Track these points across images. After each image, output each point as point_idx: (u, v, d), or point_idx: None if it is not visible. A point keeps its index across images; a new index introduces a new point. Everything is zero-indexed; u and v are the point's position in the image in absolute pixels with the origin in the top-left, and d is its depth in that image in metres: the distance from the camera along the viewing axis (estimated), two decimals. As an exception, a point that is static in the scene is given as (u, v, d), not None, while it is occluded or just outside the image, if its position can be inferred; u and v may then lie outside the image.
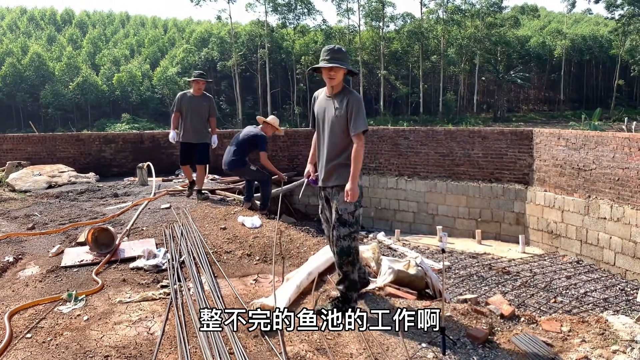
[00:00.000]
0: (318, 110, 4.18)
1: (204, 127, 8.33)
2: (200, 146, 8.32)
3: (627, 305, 7.48)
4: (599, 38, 64.78)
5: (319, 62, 3.96)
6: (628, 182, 9.00)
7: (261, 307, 3.93)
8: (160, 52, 70.13)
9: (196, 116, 8.19)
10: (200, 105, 8.21)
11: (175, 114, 8.23)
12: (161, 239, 6.20)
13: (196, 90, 8.21)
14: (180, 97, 8.24)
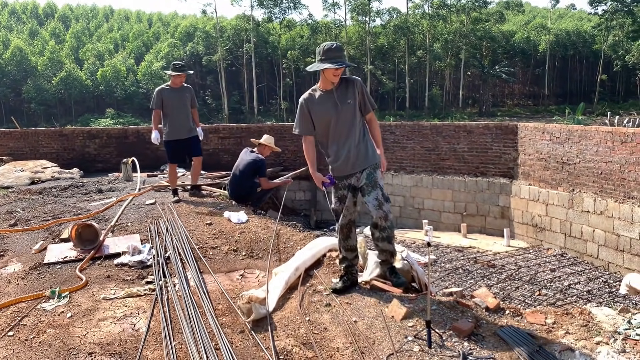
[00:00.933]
0: (320, 110, 4.17)
1: (191, 121, 7.88)
2: (192, 140, 7.88)
3: (610, 297, 7.58)
4: (582, 33, 65.44)
5: (320, 61, 3.99)
6: (611, 176, 9.11)
7: (250, 299, 3.91)
8: (145, 47, 69.45)
9: (181, 110, 7.69)
10: (183, 98, 7.70)
11: (156, 111, 7.64)
12: (146, 235, 6.14)
13: (177, 83, 7.67)
14: (160, 92, 7.62)
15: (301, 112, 4.25)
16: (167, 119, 7.65)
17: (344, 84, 4.17)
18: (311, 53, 59.60)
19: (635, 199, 8.65)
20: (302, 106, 4.24)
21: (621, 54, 59.36)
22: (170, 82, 7.67)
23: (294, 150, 13.44)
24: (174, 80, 7.64)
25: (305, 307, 4.09)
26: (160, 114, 7.66)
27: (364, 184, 4.18)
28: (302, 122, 4.27)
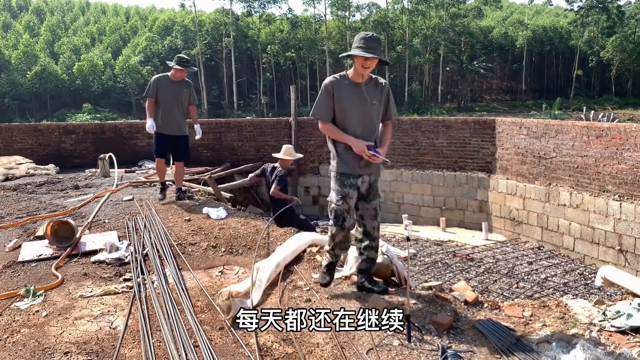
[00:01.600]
0: (347, 99, 3.93)
1: (184, 118, 7.40)
2: (180, 140, 7.35)
3: (585, 289, 7.72)
4: (558, 29, 66.29)
5: (354, 49, 3.83)
6: (586, 170, 9.26)
7: (230, 294, 3.88)
8: (122, 41, 68.40)
9: (176, 105, 7.20)
10: (181, 92, 7.23)
11: (150, 100, 7.12)
12: (124, 232, 6.06)
13: (177, 77, 7.24)
14: (157, 81, 7.17)
15: (326, 95, 3.94)
16: (159, 110, 7.16)
17: (374, 83, 4.02)
18: (291, 47, 59.50)
19: (610, 192, 8.81)
20: (328, 89, 3.94)
21: (596, 49, 60.34)
22: (171, 73, 7.23)
23: (274, 145, 13.37)
24: (175, 73, 7.20)
25: (285, 303, 4.07)
26: (154, 103, 7.15)
27: (367, 189, 4.02)
28: (325, 106, 3.94)
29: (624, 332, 3.60)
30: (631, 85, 59.73)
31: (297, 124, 13.55)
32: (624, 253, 8.55)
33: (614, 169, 8.73)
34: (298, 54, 60.32)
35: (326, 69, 58.97)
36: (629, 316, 3.70)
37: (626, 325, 3.63)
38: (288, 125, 13.64)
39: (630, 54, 57.72)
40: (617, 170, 8.67)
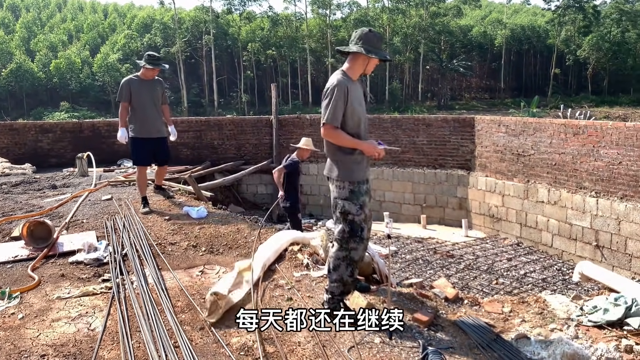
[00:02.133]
0: (355, 98, 3.61)
1: (161, 118, 7.00)
2: (161, 142, 6.98)
3: (563, 285, 7.83)
4: (536, 28, 67.15)
5: (374, 50, 3.55)
6: (564, 167, 9.40)
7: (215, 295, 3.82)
8: (101, 38, 67.44)
9: (151, 105, 6.77)
10: (154, 92, 6.82)
11: (124, 104, 6.67)
12: (102, 232, 5.99)
13: (148, 76, 6.77)
14: (129, 83, 6.68)
15: (342, 98, 3.51)
16: (135, 114, 6.70)
17: (360, 81, 3.77)
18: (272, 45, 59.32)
19: (587, 189, 8.95)
20: (344, 92, 3.51)
21: (573, 48, 61.26)
22: (141, 73, 6.76)
23: (255, 144, 13.35)
24: (145, 73, 6.73)
25: (266, 302, 4.06)
26: (128, 108, 6.72)
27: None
28: (340, 111, 3.52)
29: (600, 326, 3.66)
30: (607, 84, 60.77)
31: (278, 122, 13.52)
32: (601, 249, 8.70)
33: (590, 166, 8.87)
34: (279, 52, 60.15)
35: (307, 67, 58.98)
36: (606, 311, 3.76)
37: (603, 319, 3.69)
38: (269, 124, 13.59)
39: (605, 53, 58.74)
40: (594, 167, 8.81)
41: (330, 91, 3.50)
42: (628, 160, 8.21)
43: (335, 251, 3.65)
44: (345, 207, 3.60)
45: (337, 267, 3.63)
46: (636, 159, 8.07)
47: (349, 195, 3.60)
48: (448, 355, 3.34)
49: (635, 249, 8.09)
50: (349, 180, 3.61)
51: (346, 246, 3.61)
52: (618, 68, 60.50)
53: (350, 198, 3.60)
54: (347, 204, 3.59)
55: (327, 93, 3.52)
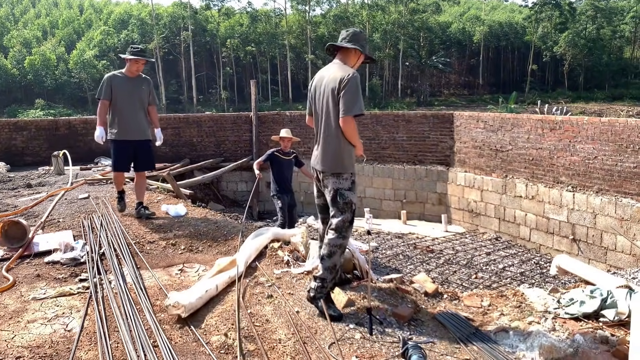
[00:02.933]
0: None
1: (146, 119, 6.38)
2: (143, 145, 6.31)
3: (541, 278, 7.94)
4: (514, 25, 68.00)
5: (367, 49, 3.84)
6: (541, 162, 9.52)
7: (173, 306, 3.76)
8: (76, 34, 66.39)
9: (135, 105, 6.18)
10: (139, 90, 6.23)
11: (104, 102, 6.06)
12: (79, 231, 5.89)
13: (133, 71, 6.21)
14: (110, 80, 6.11)
15: (360, 88, 3.69)
16: (117, 113, 6.11)
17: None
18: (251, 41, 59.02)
19: (564, 183, 9.09)
20: (359, 83, 3.70)
21: (550, 45, 62.16)
22: (126, 69, 6.22)
23: (235, 140, 13.28)
24: (130, 67, 6.18)
25: (247, 300, 4.04)
26: (108, 106, 6.13)
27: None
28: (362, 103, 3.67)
29: (577, 318, 3.72)
30: (582, 80, 61.83)
31: (258, 118, 13.46)
32: (577, 242, 8.85)
33: (567, 160, 9.01)
34: (258, 48, 59.91)
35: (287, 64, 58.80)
36: (582, 303, 3.82)
37: (579, 312, 3.75)
38: (249, 120, 13.52)
39: (581, 50, 59.74)
40: (570, 162, 8.95)
41: (351, 82, 3.57)
42: (603, 155, 8.36)
43: (334, 239, 3.71)
44: (349, 197, 3.72)
45: (333, 254, 3.71)
46: (611, 153, 8.22)
47: (351, 185, 3.75)
48: (428, 349, 3.36)
49: (611, 242, 8.24)
50: (351, 172, 3.77)
51: (345, 234, 3.73)
52: (593, 64, 61.60)
53: (352, 188, 3.75)
54: (350, 194, 3.73)
55: (347, 83, 3.57)
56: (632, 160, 7.89)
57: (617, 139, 8.11)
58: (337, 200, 3.73)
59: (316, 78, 3.94)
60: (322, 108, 3.77)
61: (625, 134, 7.99)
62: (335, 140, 3.73)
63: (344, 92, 3.57)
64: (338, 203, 3.73)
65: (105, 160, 12.20)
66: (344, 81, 3.57)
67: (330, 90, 3.66)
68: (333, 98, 3.65)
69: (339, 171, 3.74)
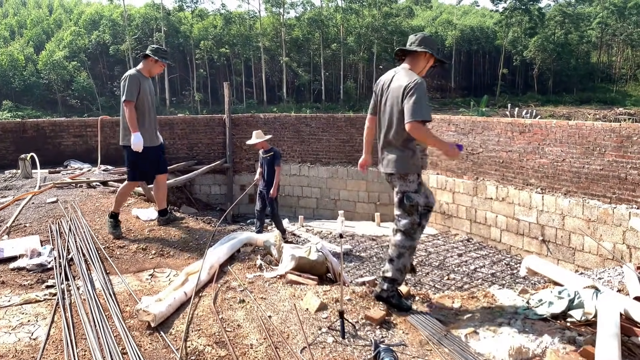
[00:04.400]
0: None
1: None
2: (161, 150, 6.09)
3: (511, 279, 8.07)
4: (485, 29, 69.07)
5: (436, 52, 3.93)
6: (511, 164, 9.68)
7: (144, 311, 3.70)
8: (46, 35, 65.00)
9: (154, 108, 5.87)
10: (153, 92, 5.95)
11: (132, 104, 5.52)
12: (47, 236, 5.76)
13: (154, 73, 5.87)
14: (138, 79, 5.59)
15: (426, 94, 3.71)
16: (140, 116, 5.66)
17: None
18: (225, 43, 58.65)
19: (533, 185, 9.25)
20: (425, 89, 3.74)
21: (520, 49, 63.34)
22: (145, 68, 5.77)
23: (208, 143, 13.17)
24: (153, 69, 5.81)
25: (218, 305, 4.00)
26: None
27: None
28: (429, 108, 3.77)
29: (545, 319, 3.77)
30: (551, 84, 63.15)
31: (231, 121, 13.37)
32: (546, 243, 9.02)
33: (536, 163, 9.18)
34: (232, 50, 59.59)
35: (261, 66, 58.61)
36: (550, 304, 3.88)
37: (547, 312, 3.80)
38: (222, 123, 13.43)
39: (550, 54, 61.03)
40: (539, 165, 9.12)
41: (417, 88, 3.64)
42: (571, 158, 8.54)
43: (402, 241, 3.87)
44: (416, 200, 3.84)
45: (402, 255, 3.88)
46: (578, 156, 8.40)
47: (417, 187, 3.87)
48: (400, 351, 3.38)
49: (578, 242, 8.42)
50: (418, 173, 3.88)
51: (414, 235, 3.88)
52: (562, 68, 62.97)
53: (418, 190, 3.86)
54: (416, 197, 3.85)
55: (412, 89, 3.63)
56: (599, 162, 8.08)
57: (584, 141, 8.30)
58: (404, 203, 3.85)
59: (382, 80, 4.04)
60: (387, 112, 3.85)
61: (592, 137, 8.18)
62: (400, 142, 3.83)
63: (408, 98, 3.64)
64: (405, 205, 3.85)
65: (74, 163, 11.97)
66: (410, 87, 3.65)
67: (395, 95, 3.75)
68: (398, 103, 3.73)
69: (405, 172, 3.85)
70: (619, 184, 7.81)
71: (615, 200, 7.88)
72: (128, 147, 5.63)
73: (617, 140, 7.80)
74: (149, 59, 5.76)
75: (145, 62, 5.78)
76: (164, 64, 5.85)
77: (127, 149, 5.70)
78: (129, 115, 5.49)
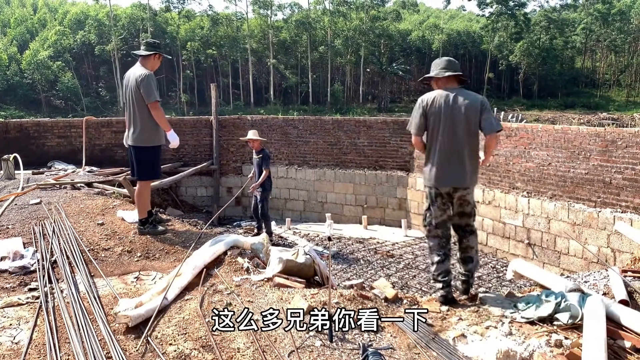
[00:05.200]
0: None
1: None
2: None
3: (497, 282, 8.11)
4: (471, 33, 69.57)
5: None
6: (497, 168, 9.74)
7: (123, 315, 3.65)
8: (30, 34, 64.22)
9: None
10: None
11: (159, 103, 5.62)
12: (30, 238, 5.66)
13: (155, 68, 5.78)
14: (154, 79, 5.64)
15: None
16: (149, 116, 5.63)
17: None
18: (212, 45, 58.43)
19: (519, 189, 9.32)
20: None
21: (505, 53, 63.90)
22: (151, 65, 5.72)
23: (194, 145, 13.09)
24: (155, 64, 5.76)
25: (205, 308, 3.95)
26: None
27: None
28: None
29: (532, 322, 3.78)
30: (537, 88, 63.78)
31: (218, 122, 13.30)
32: (532, 246, 9.07)
33: (522, 167, 9.24)
34: (219, 51, 59.39)
35: (249, 68, 58.48)
36: (537, 307, 3.90)
37: (535, 315, 3.82)
38: (209, 124, 13.36)
39: (535, 59, 61.64)
40: (525, 168, 9.18)
41: (488, 104, 4.25)
42: (557, 162, 8.61)
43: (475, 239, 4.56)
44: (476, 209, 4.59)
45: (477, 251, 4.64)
46: (564, 160, 8.48)
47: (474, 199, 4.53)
48: (388, 355, 3.37)
49: (564, 246, 8.49)
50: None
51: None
52: (547, 73, 63.61)
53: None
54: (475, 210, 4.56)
55: (487, 105, 4.20)
56: (584, 166, 8.16)
57: (570, 146, 8.37)
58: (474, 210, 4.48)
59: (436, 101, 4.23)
60: (461, 129, 4.14)
61: (577, 142, 8.26)
62: (476, 157, 4.29)
63: (486, 112, 4.16)
64: (473, 211, 4.47)
65: (59, 164, 11.82)
66: (484, 103, 4.18)
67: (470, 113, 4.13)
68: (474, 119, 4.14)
69: (473, 184, 4.37)
70: (604, 188, 7.88)
71: (600, 204, 7.96)
72: (150, 148, 5.67)
73: (602, 145, 7.88)
74: (155, 56, 5.70)
75: (149, 60, 5.69)
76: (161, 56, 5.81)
77: (147, 150, 5.69)
78: (162, 116, 5.59)
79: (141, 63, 5.69)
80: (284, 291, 4.25)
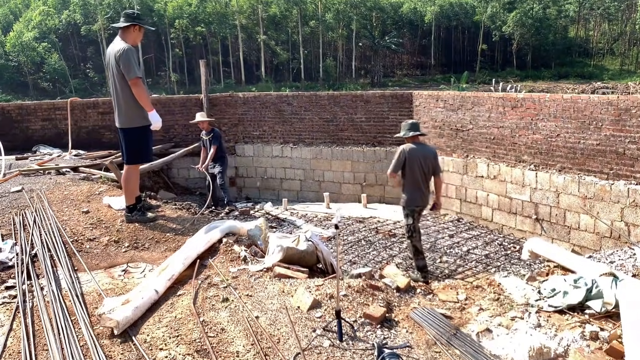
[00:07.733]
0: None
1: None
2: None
3: (506, 260, 7.77)
4: (464, 4, 68.40)
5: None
6: (503, 141, 9.34)
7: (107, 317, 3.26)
8: (13, 15, 62.70)
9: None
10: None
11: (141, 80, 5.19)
12: (9, 229, 5.25)
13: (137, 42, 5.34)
14: (135, 53, 5.15)
15: None
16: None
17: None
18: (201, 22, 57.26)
19: (526, 162, 8.93)
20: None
21: (499, 24, 62.93)
22: (132, 39, 5.16)
23: (185, 124, 12.59)
24: (137, 38, 5.23)
25: (199, 305, 3.57)
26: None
27: None
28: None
29: (561, 311, 3.44)
30: (530, 59, 63.10)
31: (209, 101, 12.79)
32: (540, 222, 8.73)
33: (529, 139, 8.84)
34: (208, 28, 58.18)
35: (239, 45, 57.46)
36: (565, 294, 3.54)
37: (563, 304, 3.47)
38: (199, 103, 12.84)
39: (529, 29, 60.76)
40: (532, 140, 8.78)
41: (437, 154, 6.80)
42: (565, 133, 8.21)
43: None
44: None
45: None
46: (573, 130, 8.08)
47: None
48: (405, 354, 3.01)
49: (574, 220, 8.15)
50: None
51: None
52: (540, 43, 62.83)
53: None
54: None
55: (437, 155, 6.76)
56: (595, 137, 7.77)
57: (580, 115, 7.96)
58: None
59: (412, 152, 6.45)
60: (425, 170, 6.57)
61: (588, 111, 7.85)
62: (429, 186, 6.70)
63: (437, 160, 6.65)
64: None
65: (44, 148, 11.33)
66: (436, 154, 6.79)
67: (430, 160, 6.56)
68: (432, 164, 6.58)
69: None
70: (617, 159, 7.50)
71: (613, 176, 7.59)
72: (136, 129, 5.20)
73: (615, 114, 7.47)
74: (134, 27, 5.14)
75: (129, 32, 5.13)
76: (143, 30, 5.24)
77: (134, 131, 5.22)
78: (143, 93, 5.05)
79: (121, 37, 5.15)
80: (285, 282, 3.88)
